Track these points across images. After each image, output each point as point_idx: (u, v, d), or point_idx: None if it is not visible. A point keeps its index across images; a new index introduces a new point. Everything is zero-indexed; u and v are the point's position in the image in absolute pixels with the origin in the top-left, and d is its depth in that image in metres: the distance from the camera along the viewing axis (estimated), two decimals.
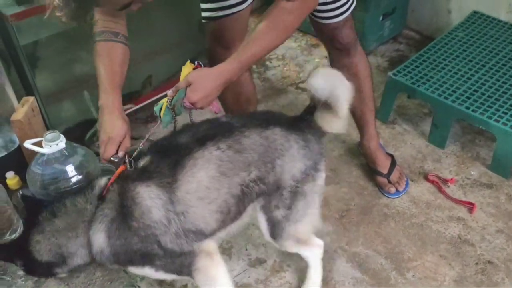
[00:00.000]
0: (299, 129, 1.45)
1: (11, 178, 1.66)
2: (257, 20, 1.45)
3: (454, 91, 2.24)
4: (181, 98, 1.40)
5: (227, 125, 1.41)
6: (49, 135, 1.43)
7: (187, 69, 1.46)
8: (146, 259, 1.37)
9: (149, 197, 1.31)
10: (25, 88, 2.02)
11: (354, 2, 1.79)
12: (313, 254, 1.65)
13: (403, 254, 1.87)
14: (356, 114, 2.04)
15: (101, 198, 1.35)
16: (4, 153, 1.98)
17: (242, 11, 1.72)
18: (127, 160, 1.37)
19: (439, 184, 2.11)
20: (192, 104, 1.40)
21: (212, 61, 1.82)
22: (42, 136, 1.45)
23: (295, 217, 1.47)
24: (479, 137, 2.33)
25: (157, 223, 1.31)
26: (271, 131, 1.40)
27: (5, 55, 1.96)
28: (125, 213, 1.31)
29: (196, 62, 1.47)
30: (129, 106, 2.19)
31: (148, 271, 1.43)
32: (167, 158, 1.34)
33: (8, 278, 1.64)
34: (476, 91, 2.24)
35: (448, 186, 2.12)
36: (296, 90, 2.67)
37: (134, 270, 1.44)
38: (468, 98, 2.20)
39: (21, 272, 1.67)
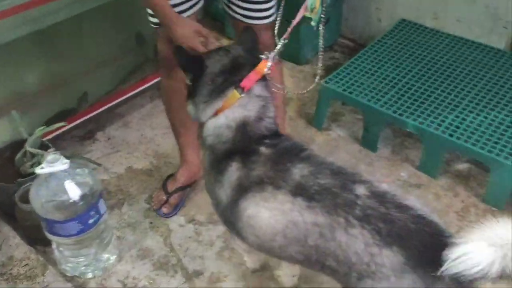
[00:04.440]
0: None
1: None
2: None
3: (382, 96, 2.32)
4: None
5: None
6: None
7: None
8: None
9: None
10: None
11: None
12: None
13: None
14: None
15: None
16: None
17: (188, 18, 1.76)
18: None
19: None
20: None
21: (162, 62, 1.92)
22: None
23: None
24: (408, 139, 2.41)
25: None
26: None
27: None
28: None
29: None
30: (62, 124, 2.15)
31: None
32: None
33: None
34: (403, 95, 2.33)
35: None
36: None
37: None
38: (396, 102, 2.29)
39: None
